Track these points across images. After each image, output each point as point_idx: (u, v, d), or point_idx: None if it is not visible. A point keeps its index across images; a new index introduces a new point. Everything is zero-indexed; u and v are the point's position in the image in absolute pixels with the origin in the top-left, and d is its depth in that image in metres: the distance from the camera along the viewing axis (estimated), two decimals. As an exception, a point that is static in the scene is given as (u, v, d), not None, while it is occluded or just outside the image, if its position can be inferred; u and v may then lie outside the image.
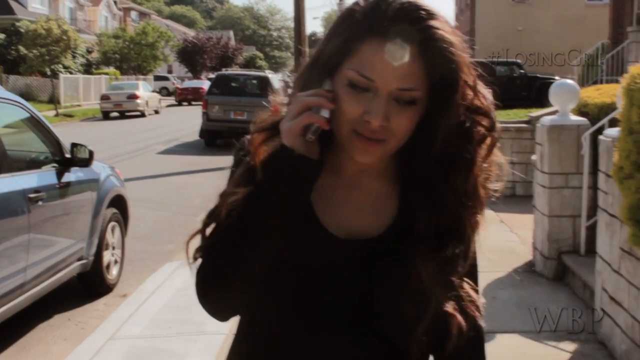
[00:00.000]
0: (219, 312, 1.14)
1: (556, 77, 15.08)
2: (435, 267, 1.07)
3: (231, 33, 71.74)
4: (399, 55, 1.01)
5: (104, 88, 34.27)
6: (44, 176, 4.69)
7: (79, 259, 5.06)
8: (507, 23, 30.31)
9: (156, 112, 30.84)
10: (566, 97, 5.30)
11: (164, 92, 44.31)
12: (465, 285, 1.11)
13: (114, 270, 5.63)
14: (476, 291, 1.14)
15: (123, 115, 28.46)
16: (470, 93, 1.06)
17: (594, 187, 4.94)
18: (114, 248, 5.65)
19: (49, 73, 30.57)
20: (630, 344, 3.68)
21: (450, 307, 1.09)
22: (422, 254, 1.07)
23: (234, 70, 26.52)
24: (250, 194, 1.05)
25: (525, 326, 4.46)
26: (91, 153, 5.04)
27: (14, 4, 39.35)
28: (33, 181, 4.46)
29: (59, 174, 4.84)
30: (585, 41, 21.91)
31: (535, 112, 9.77)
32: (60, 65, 31.65)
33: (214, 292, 1.09)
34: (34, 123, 4.89)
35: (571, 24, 29.53)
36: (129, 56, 42.86)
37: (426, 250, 1.07)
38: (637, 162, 2.83)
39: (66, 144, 5.07)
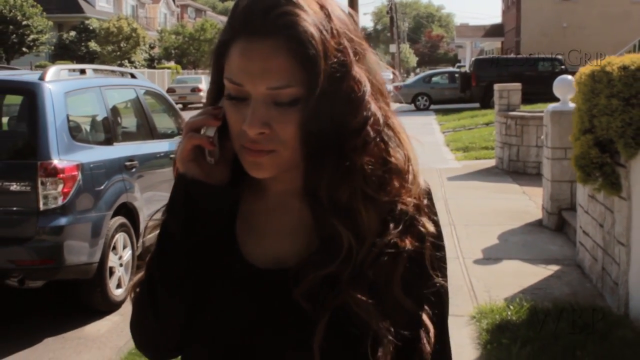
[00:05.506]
0: (145, 349, 1.07)
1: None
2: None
3: (283, 28, 73.72)
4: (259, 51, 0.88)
5: (166, 81, 36.54)
6: (176, 144, 6.50)
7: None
8: (552, 20, 31.21)
9: (216, 104, 32.84)
10: (566, 89, 6.84)
11: (220, 85, 46.42)
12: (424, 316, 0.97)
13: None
14: (433, 324, 0.98)
15: (186, 107, 30.59)
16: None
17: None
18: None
19: (117, 68, 33.01)
20: (592, 260, 5.27)
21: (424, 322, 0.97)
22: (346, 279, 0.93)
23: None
24: (159, 234, 0.99)
25: (525, 256, 6.08)
26: (206, 128, 6.85)
27: (83, 3, 42.03)
28: (170, 146, 6.29)
29: (185, 143, 6.67)
30: (630, 38, 22.33)
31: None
32: (127, 60, 34.10)
33: (137, 328, 1.06)
34: (168, 105, 6.75)
35: (616, 20, 30.08)
36: (188, 51, 45.24)
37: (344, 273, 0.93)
38: (581, 129, 4.44)
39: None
